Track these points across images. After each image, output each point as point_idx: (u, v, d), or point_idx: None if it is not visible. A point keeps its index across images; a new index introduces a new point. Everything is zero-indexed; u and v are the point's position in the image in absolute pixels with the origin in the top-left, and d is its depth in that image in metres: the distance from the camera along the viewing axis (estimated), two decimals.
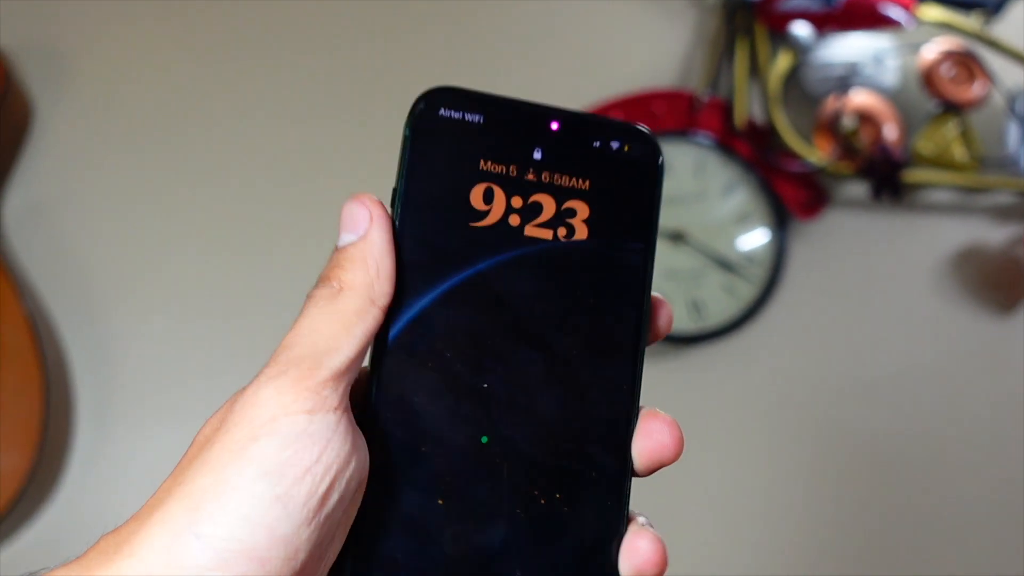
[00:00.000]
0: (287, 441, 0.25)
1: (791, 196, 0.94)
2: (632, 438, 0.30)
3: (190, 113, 0.94)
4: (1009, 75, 0.99)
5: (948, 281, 0.98)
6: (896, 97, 0.96)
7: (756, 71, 0.96)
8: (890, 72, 0.96)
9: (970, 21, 0.97)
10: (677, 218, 0.92)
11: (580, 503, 0.29)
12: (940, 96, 0.95)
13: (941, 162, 0.95)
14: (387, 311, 0.28)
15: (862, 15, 0.94)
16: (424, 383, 0.28)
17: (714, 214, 0.93)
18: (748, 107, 0.95)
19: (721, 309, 0.91)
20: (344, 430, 0.26)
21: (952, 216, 1.00)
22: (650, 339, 0.31)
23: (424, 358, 0.28)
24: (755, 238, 0.93)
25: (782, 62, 0.95)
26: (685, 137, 0.94)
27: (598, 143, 0.30)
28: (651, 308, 0.31)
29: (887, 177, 0.92)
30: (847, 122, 0.92)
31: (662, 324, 0.32)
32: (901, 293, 0.98)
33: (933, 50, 0.96)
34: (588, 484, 0.29)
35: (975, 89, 0.95)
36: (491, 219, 0.29)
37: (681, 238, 0.92)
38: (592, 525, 0.28)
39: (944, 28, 0.97)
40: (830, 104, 0.94)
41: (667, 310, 0.32)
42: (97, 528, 0.27)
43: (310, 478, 0.25)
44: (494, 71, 0.97)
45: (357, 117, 0.95)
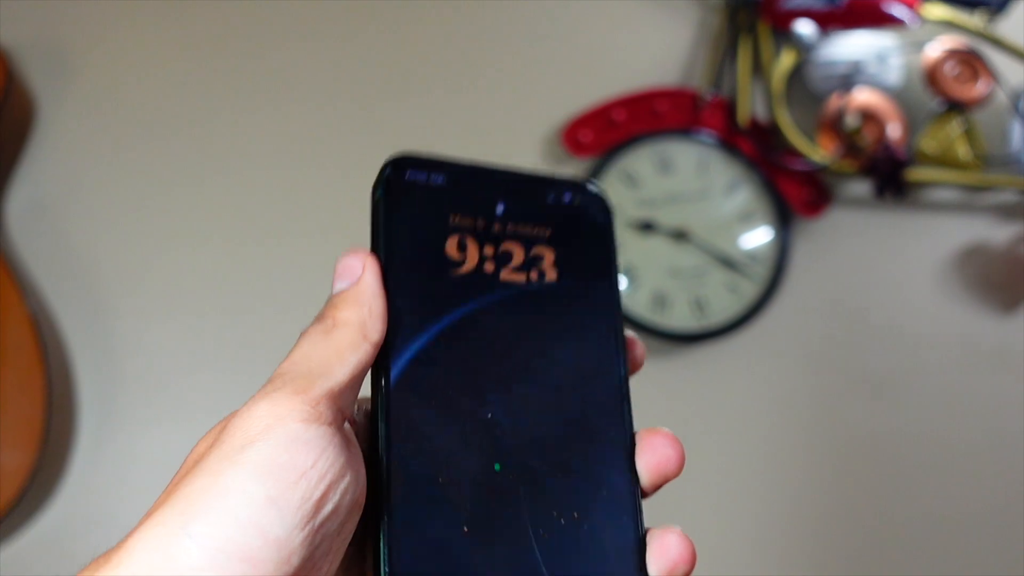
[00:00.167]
0: (282, 446, 0.25)
1: (794, 194, 0.94)
2: (634, 450, 0.31)
3: (193, 110, 0.94)
4: (1013, 73, 0.98)
5: (951, 280, 0.98)
6: (899, 95, 0.96)
7: (759, 69, 0.96)
8: (894, 70, 0.96)
9: (974, 19, 0.97)
10: (680, 216, 0.92)
11: (598, 519, 0.30)
12: (944, 94, 0.94)
13: (944, 161, 0.95)
14: (379, 348, 0.29)
15: (866, 13, 0.94)
16: (431, 418, 0.29)
17: (717, 212, 0.93)
18: (751, 105, 0.95)
19: (724, 307, 0.91)
20: (339, 444, 0.26)
21: (955, 215, 0.99)
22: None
23: (427, 394, 0.29)
24: (758, 236, 0.93)
25: (785, 60, 0.95)
26: (688, 135, 0.93)
27: (551, 197, 0.33)
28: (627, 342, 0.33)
29: (890, 175, 0.92)
30: (850, 120, 0.92)
31: (638, 356, 0.34)
32: (904, 292, 0.98)
33: (937, 48, 0.96)
34: (601, 501, 0.30)
35: (979, 87, 0.94)
36: (468, 267, 0.31)
37: (684, 236, 0.92)
38: (613, 538, 0.30)
39: (948, 26, 0.97)
40: (833, 102, 0.94)
41: (639, 346, 0.34)
42: (100, 526, 0.27)
43: (304, 482, 0.25)
44: (497, 69, 0.97)
45: (362, 112, 0.95)
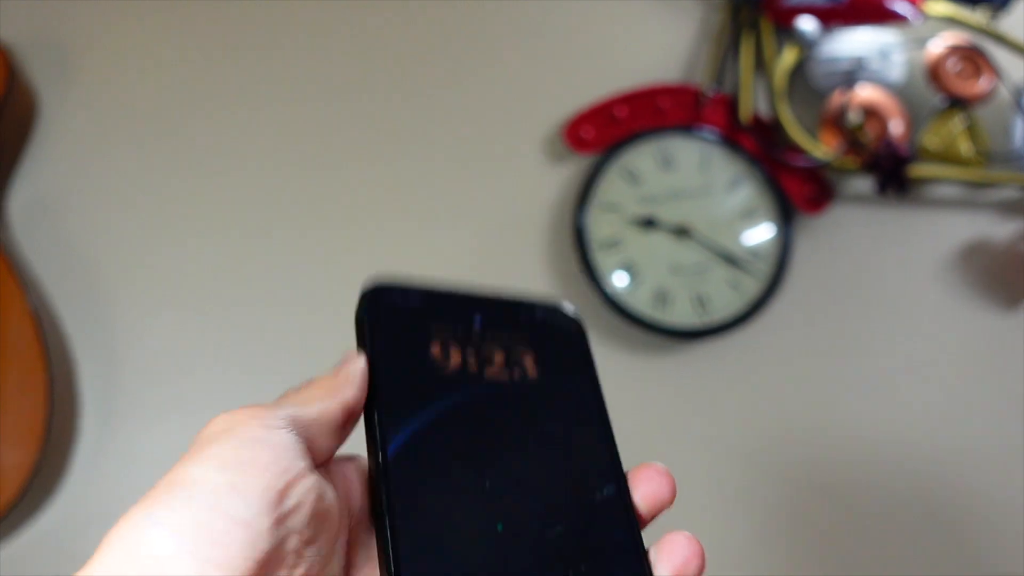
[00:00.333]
0: (244, 444, 0.26)
1: (796, 191, 0.94)
2: (630, 496, 0.33)
3: (195, 107, 0.94)
4: (1016, 70, 0.98)
5: (954, 276, 0.98)
6: (902, 92, 0.96)
7: (762, 66, 0.96)
8: (896, 67, 0.95)
9: (976, 16, 0.96)
10: (682, 213, 0.92)
11: (605, 568, 0.31)
12: (946, 91, 0.94)
13: (947, 157, 0.94)
14: (348, 406, 0.30)
15: (868, 10, 0.93)
16: (430, 486, 0.30)
17: (719, 209, 0.93)
18: (753, 102, 0.95)
19: (726, 304, 0.91)
20: (301, 452, 0.27)
21: (958, 211, 0.99)
22: None
23: (425, 467, 0.30)
24: (760, 233, 0.93)
25: (788, 57, 0.95)
26: (690, 132, 0.93)
27: (526, 314, 0.35)
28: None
29: (893, 172, 0.91)
30: (853, 117, 0.92)
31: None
32: (907, 289, 0.98)
33: (939, 45, 0.95)
34: (607, 550, 0.31)
35: (981, 84, 0.94)
36: (453, 366, 0.33)
37: (686, 233, 0.92)
38: None
39: (950, 23, 0.97)
40: (836, 99, 0.94)
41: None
42: (101, 524, 0.27)
43: (268, 474, 0.25)
44: (499, 66, 0.97)
45: (363, 109, 0.95)
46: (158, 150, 0.93)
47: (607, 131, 0.93)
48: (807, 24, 0.92)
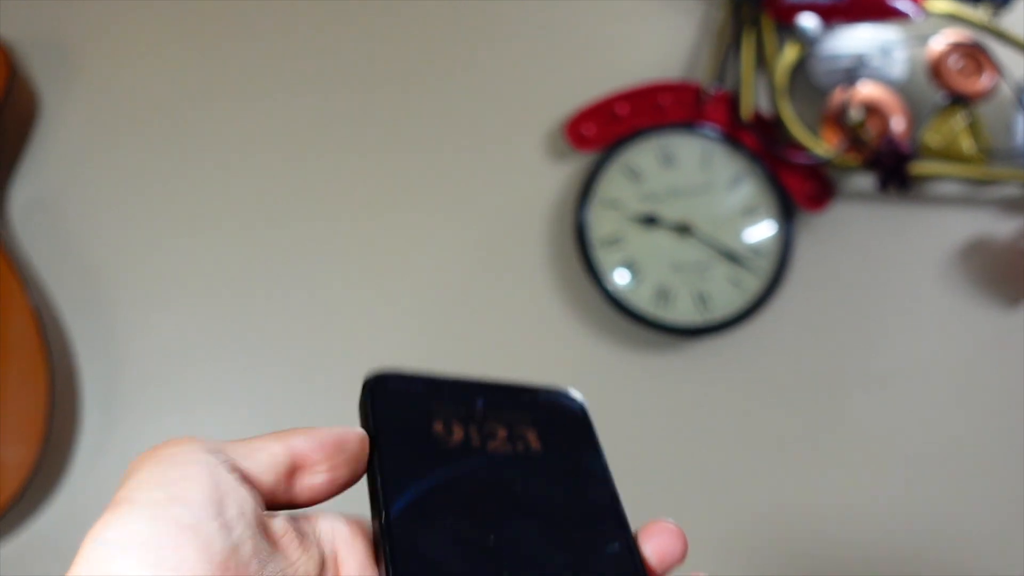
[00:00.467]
0: (172, 465, 0.26)
1: (798, 188, 0.94)
2: (636, 546, 0.32)
3: (196, 105, 0.94)
4: (1017, 67, 0.98)
5: (955, 273, 0.98)
6: (903, 89, 0.96)
7: (763, 63, 0.96)
8: (898, 64, 0.95)
9: (978, 13, 0.96)
10: (683, 210, 0.92)
11: None
12: (948, 88, 0.94)
13: (948, 154, 0.94)
14: (296, 461, 0.30)
15: (869, 7, 0.93)
16: (436, 546, 0.30)
17: (720, 206, 0.93)
18: (755, 99, 0.95)
19: (727, 301, 0.91)
20: (227, 468, 0.27)
21: (959, 208, 0.99)
22: None
23: (429, 528, 0.31)
24: (761, 230, 0.93)
25: (789, 54, 0.94)
26: (692, 129, 0.93)
27: (527, 397, 0.36)
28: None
29: (894, 169, 0.91)
30: (854, 114, 0.92)
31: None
32: (908, 286, 0.98)
33: (941, 42, 0.95)
34: None
35: (983, 81, 0.94)
36: (456, 440, 0.33)
37: (687, 230, 0.92)
38: None
39: (952, 20, 0.97)
40: (837, 96, 0.94)
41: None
42: None
43: (202, 486, 0.26)
44: (501, 63, 0.97)
45: (365, 105, 0.95)
46: (159, 147, 0.93)
47: (608, 128, 0.93)
48: (808, 21, 0.92)
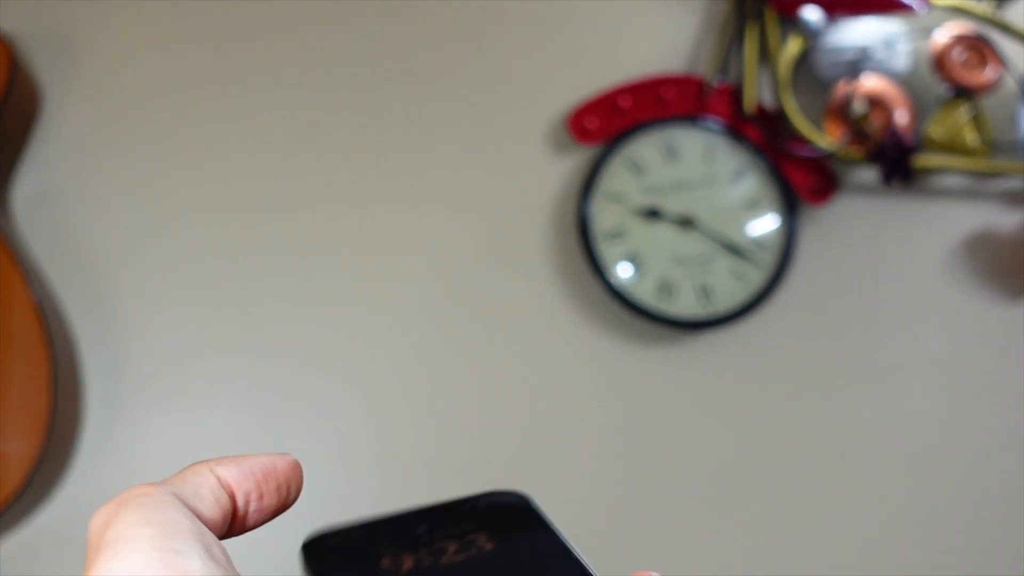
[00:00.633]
0: (153, 507, 0.26)
1: (801, 181, 0.94)
2: None
3: (198, 99, 0.93)
4: (1021, 60, 0.98)
5: (959, 267, 0.98)
6: (907, 82, 0.95)
7: (766, 56, 0.96)
8: (901, 57, 0.95)
9: (982, 5, 0.96)
10: (686, 203, 0.92)
11: None
12: (951, 81, 0.94)
13: (952, 147, 0.94)
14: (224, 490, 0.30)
15: (873, 0, 0.93)
16: None
17: (723, 199, 0.93)
18: (758, 92, 0.95)
19: (730, 294, 0.91)
20: (191, 515, 0.27)
21: (963, 201, 0.99)
22: None
23: None
24: (765, 223, 0.93)
25: (792, 47, 0.94)
26: (695, 122, 0.93)
27: (467, 508, 0.35)
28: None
29: (898, 162, 0.91)
30: (857, 107, 0.92)
31: None
32: (911, 279, 0.98)
33: (945, 34, 0.95)
34: None
35: (987, 74, 0.94)
36: (407, 568, 0.33)
37: (690, 223, 0.91)
38: None
39: (956, 12, 0.96)
40: (840, 89, 0.93)
41: None
42: None
43: (189, 528, 0.26)
44: (504, 56, 0.97)
45: (367, 100, 0.95)
46: (161, 142, 0.92)
47: (611, 121, 0.93)
48: (811, 14, 0.92)
